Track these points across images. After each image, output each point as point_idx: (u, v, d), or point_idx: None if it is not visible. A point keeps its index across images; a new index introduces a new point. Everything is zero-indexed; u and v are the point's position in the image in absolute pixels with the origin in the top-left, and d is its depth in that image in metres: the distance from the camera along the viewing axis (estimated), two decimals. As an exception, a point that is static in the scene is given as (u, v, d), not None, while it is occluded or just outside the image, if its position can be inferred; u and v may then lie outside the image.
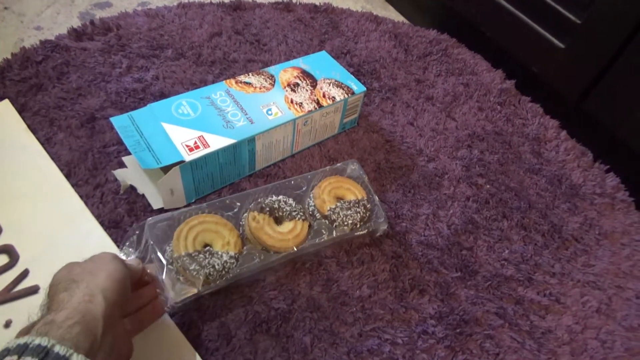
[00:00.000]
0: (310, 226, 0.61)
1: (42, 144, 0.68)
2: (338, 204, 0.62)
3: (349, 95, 0.73)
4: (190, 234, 0.54)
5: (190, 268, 0.52)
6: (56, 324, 0.36)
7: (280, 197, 0.61)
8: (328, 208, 0.62)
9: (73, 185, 0.64)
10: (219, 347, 0.53)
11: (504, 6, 0.85)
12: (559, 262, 0.66)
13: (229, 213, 0.60)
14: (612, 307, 0.63)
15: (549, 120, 0.86)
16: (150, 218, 0.55)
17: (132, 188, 0.65)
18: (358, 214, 0.62)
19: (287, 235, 0.58)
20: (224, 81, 0.71)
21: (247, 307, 0.57)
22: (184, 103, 0.66)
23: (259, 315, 0.56)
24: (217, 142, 0.63)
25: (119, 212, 0.63)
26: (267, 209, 0.59)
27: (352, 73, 0.88)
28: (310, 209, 0.63)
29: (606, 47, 0.72)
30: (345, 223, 0.61)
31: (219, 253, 0.54)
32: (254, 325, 0.55)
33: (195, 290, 0.52)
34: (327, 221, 0.61)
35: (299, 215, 0.60)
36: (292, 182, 0.65)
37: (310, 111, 0.70)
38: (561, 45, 0.78)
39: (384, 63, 0.93)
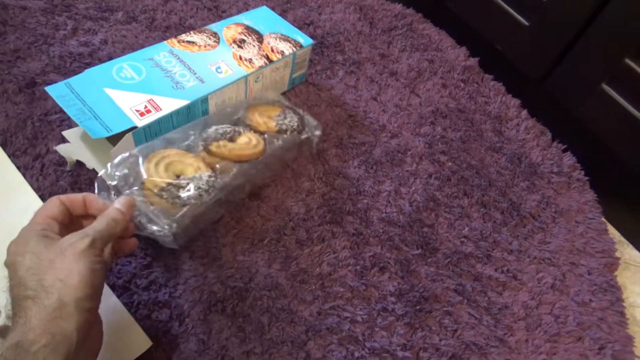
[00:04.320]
0: (263, 138, 0.62)
1: (-26, 110, 0.62)
2: (276, 119, 0.64)
3: (298, 48, 0.72)
4: (160, 168, 0.52)
5: (181, 195, 0.50)
6: (24, 348, 0.33)
7: (217, 126, 0.60)
8: (274, 119, 0.63)
9: (10, 156, 0.59)
10: (170, 329, 0.50)
11: (470, -19, 0.83)
12: (516, 239, 0.67)
13: (186, 143, 0.58)
14: (566, 283, 0.64)
15: (510, 99, 0.86)
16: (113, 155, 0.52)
17: (79, 163, 0.60)
18: (296, 116, 0.65)
19: (246, 146, 0.59)
20: (165, 41, 0.67)
21: (202, 287, 0.54)
22: (125, 66, 0.62)
23: (215, 294, 0.54)
24: (169, 104, 0.59)
25: (62, 185, 0.58)
26: (220, 136, 0.58)
27: (315, 45, 0.86)
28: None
29: (569, 27, 0.72)
30: (293, 125, 0.64)
31: (197, 176, 0.53)
32: (209, 304, 0.53)
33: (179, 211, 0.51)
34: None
35: (243, 130, 0.61)
36: (228, 109, 0.64)
37: (261, 67, 0.67)
38: (526, 23, 0.77)
39: (348, 36, 0.90)
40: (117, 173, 0.50)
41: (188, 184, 0.52)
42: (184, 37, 0.68)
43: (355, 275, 0.59)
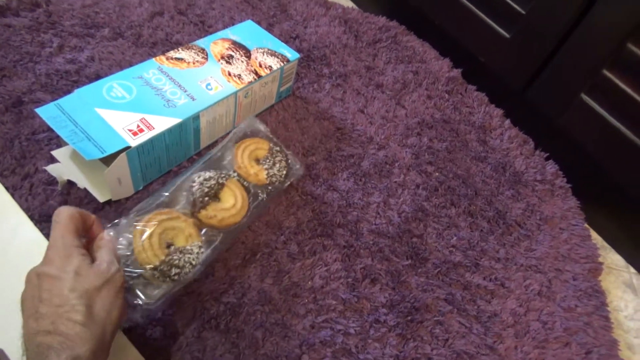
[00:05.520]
0: (247, 190, 0.60)
1: (-39, 131, 0.61)
2: (265, 165, 0.62)
3: (285, 63, 0.73)
4: (154, 240, 0.49)
5: (172, 274, 0.49)
6: None
7: (201, 176, 0.57)
8: (265, 175, 0.61)
9: (-2, 176, 0.59)
10: (165, 347, 0.51)
11: (452, -6, 0.85)
12: (503, 247, 0.69)
13: (178, 207, 0.55)
14: (552, 290, 0.65)
15: (493, 108, 0.88)
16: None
17: (69, 183, 0.60)
18: (284, 161, 0.64)
19: (232, 210, 0.57)
20: (153, 59, 0.67)
21: (196, 304, 0.54)
22: (115, 85, 0.62)
23: (208, 311, 0.54)
24: (162, 122, 0.59)
25: (52, 204, 0.58)
26: (206, 196, 0.56)
27: (301, 59, 0.87)
28: (239, 180, 0.61)
29: (548, 38, 0.74)
30: (282, 174, 0.63)
31: (188, 248, 0.51)
32: (203, 322, 0.53)
33: (168, 287, 0.50)
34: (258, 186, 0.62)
35: (225, 180, 0.59)
36: (218, 154, 0.63)
37: (250, 82, 0.68)
38: (507, 35, 0.79)
39: (333, 49, 0.91)
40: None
41: (180, 259, 0.50)
42: (172, 54, 0.68)
43: (347, 287, 0.60)
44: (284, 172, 0.63)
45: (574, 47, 0.71)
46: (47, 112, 0.56)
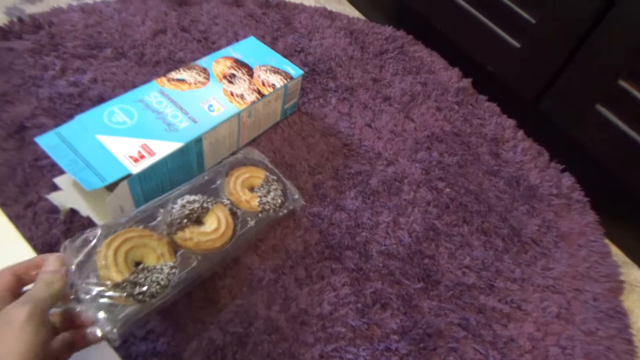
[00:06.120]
0: (233, 214, 0.58)
1: (-37, 159, 0.61)
2: (259, 193, 0.61)
3: (288, 80, 0.71)
4: (119, 255, 0.47)
5: (135, 293, 0.46)
6: None
7: (185, 198, 0.56)
8: (258, 202, 0.60)
9: (1, 205, 0.58)
10: (170, 382, 0.49)
11: (459, 4, 0.83)
12: (519, 267, 0.66)
13: (153, 223, 0.54)
14: (571, 311, 0.63)
15: (505, 119, 0.86)
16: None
17: (72, 212, 0.59)
18: (279, 190, 0.62)
19: (212, 234, 0.54)
20: (154, 80, 0.66)
21: (202, 334, 0.53)
22: (116, 110, 0.60)
23: (214, 342, 0.53)
24: (163, 148, 0.58)
25: (54, 233, 0.57)
26: (185, 219, 0.54)
27: (307, 73, 0.85)
28: (229, 207, 0.59)
29: (560, 48, 0.71)
30: (276, 203, 0.61)
31: (158, 267, 0.49)
32: (209, 353, 0.52)
33: (134, 309, 0.46)
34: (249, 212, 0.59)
35: (211, 205, 0.57)
36: (206, 177, 0.61)
37: (253, 102, 0.67)
38: (517, 44, 0.77)
39: (339, 61, 0.90)
40: (73, 259, 0.45)
41: (146, 278, 0.47)
42: (173, 75, 0.67)
43: (356, 313, 0.58)
44: (279, 200, 0.61)
45: (588, 56, 0.69)
46: (47, 141, 0.55)
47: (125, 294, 0.46)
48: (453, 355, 0.56)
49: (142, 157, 0.56)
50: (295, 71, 0.73)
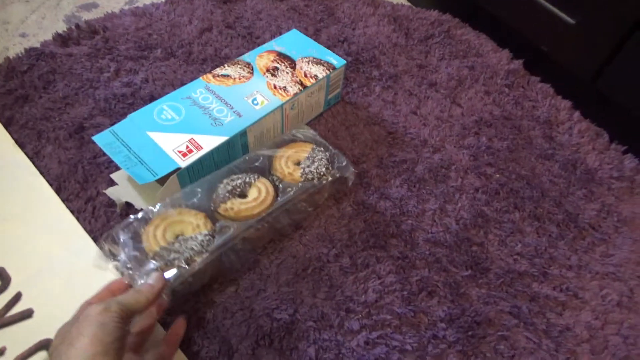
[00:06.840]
0: (276, 187, 0.60)
1: (31, 159, 0.66)
2: (303, 165, 0.62)
3: (331, 71, 0.71)
4: (158, 231, 0.53)
5: (169, 258, 0.51)
6: None
7: (229, 179, 0.59)
8: (300, 173, 0.61)
9: (64, 200, 0.62)
10: (220, 365, 0.51)
11: (507, -19, 0.80)
12: (575, 253, 0.63)
13: (193, 200, 0.57)
14: (634, 300, 0.59)
15: (560, 100, 0.81)
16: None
17: (127, 205, 0.62)
18: (324, 159, 0.63)
19: (251, 202, 0.57)
20: (200, 77, 0.68)
21: (249, 320, 0.54)
22: (165, 108, 0.63)
23: (261, 328, 0.54)
24: (209, 142, 0.60)
25: (112, 226, 0.61)
26: (228, 193, 0.57)
27: (350, 62, 0.85)
28: (272, 181, 0.61)
29: (619, 22, 0.67)
30: (319, 171, 0.61)
31: (193, 236, 0.53)
32: (257, 339, 0.53)
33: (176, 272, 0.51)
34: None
35: (254, 180, 0.59)
36: (247, 157, 0.63)
37: (295, 94, 0.67)
38: (571, 21, 0.73)
39: (383, 49, 0.88)
40: (122, 237, 0.52)
41: (181, 245, 0.52)
42: (218, 71, 0.69)
43: (402, 301, 0.57)
44: (323, 169, 0.62)
45: (651, 28, 0.64)
46: (103, 139, 0.58)
47: (163, 262, 0.51)
48: (504, 343, 0.54)
49: (190, 151, 0.59)
50: (337, 61, 0.73)
